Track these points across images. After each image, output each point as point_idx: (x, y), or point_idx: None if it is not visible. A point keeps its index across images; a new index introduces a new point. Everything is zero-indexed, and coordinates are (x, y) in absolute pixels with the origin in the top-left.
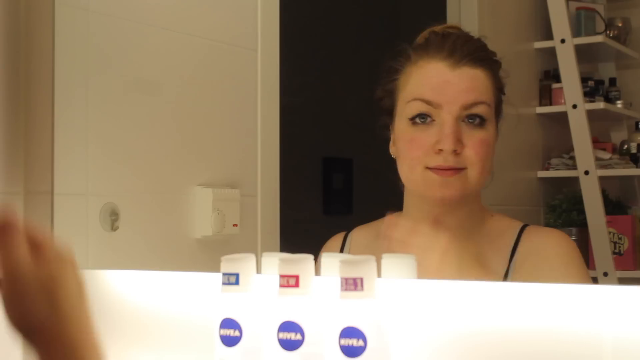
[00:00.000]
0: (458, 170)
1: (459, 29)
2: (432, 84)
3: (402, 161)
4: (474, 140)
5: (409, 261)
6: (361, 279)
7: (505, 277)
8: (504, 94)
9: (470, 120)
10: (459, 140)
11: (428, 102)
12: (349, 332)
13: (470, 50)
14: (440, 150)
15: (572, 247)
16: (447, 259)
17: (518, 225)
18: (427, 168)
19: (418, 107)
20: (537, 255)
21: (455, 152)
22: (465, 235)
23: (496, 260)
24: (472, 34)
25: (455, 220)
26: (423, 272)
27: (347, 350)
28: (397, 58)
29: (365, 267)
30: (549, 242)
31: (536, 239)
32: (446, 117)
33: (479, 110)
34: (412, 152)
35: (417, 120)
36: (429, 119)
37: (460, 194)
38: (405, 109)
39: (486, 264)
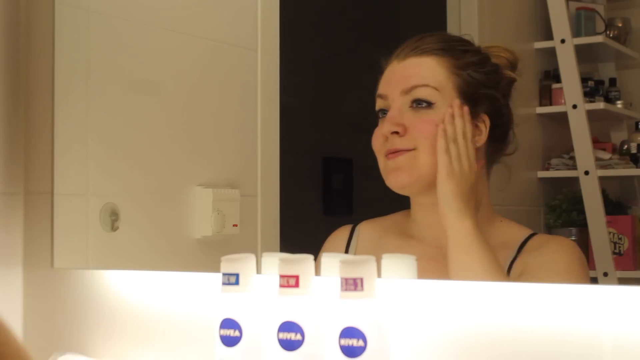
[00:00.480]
0: (404, 151)
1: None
2: (385, 80)
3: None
4: (418, 120)
5: (409, 261)
6: (361, 279)
7: (510, 266)
8: (492, 87)
9: (416, 105)
10: (398, 123)
11: (381, 96)
12: (349, 332)
13: (422, 43)
14: (386, 136)
15: (577, 248)
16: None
17: (528, 231)
18: (384, 157)
19: (378, 104)
20: (545, 247)
21: (398, 134)
22: None
23: (502, 255)
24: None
25: None
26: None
27: (347, 351)
28: (378, 72)
29: (365, 267)
30: (558, 242)
31: (546, 238)
32: (392, 105)
33: (421, 93)
34: (374, 145)
35: (380, 115)
36: (387, 113)
37: (410, 176)
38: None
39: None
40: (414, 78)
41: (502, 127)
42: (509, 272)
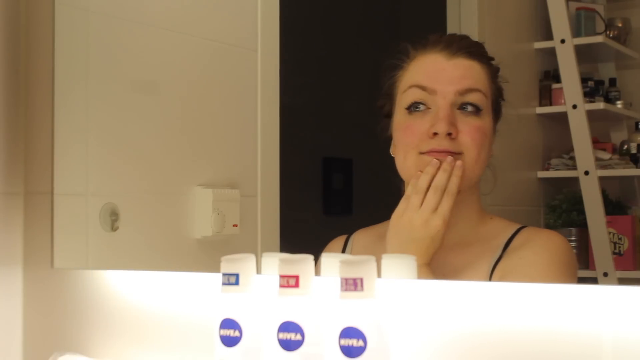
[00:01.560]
0: (453, 154)
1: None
2: (428, 71)
3: (398, 151)
4: (470, 126)
5: (409, 261)
6: (361, 279)
7: (494, 268)
8: (503, 99)
9: (464, 108)
10: (453, 124)
11: (423, 88)
12: (349, 332)
13: (467, 44)
14: (435, 133)
15: (562, 245)
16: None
17: (516, 226)
18: (421, 153)
19: (414, 95)
20: (524, 247)
21: (450, 136)
22: (460, 235)
23: (487, 256)
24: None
25: (451, 220)
26: None
27: (347, 351)
28: (398, 55)
29: (365, 268)
30: (541, 237)
31: (530, 234)
32: (441, 102)
33: (474, 97)
34: (407, 138)
35: (413, 108)
36: (424, 107)
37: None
38: (402, 99)
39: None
40: (469, 80)
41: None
42: (491, 274)
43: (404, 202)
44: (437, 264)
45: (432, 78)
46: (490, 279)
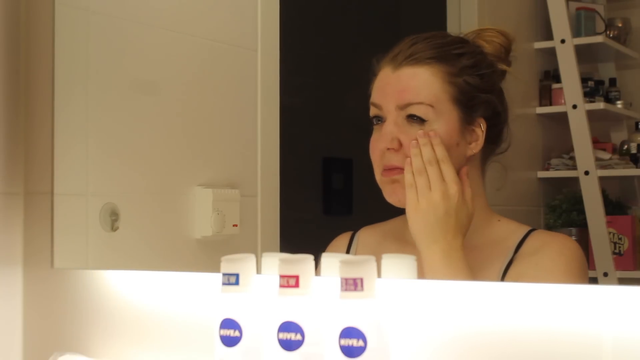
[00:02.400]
0: (400, 168)
1: (497, 30)
2: (378, 87)
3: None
4: (412, 136)
5: (409, 261)
6: (361, 279)
7: (505, 271)
8: (485, 92)
9: (411, 119)
10: (393, 139)
11: (375, 105)
12: (349, 332)
13: (414, 51)
14: (383, 150)
15: (577, 251)
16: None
17: (525, 228)
18: (381, 174)
19: (372, 111)
20: (540, 253)
21: (394, 150)
22: (467, 238)
23: (497, 259)
24: (449, 34)
25: None
26: None
27: (347, 351)
28: (370, 72)
29: (365, 268)
30: (556, 242)
31: (544, 238)
32: (387, 117)
33: (415, 110)
34: (372, 155)
35: (375, 121)
36: (382, 121)
37: None
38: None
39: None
40: (409, 93)
41: (497, 125)
42: (503, 276)
43: (412, 191)
44: None
45: (380, 93)
46: (502, 281)
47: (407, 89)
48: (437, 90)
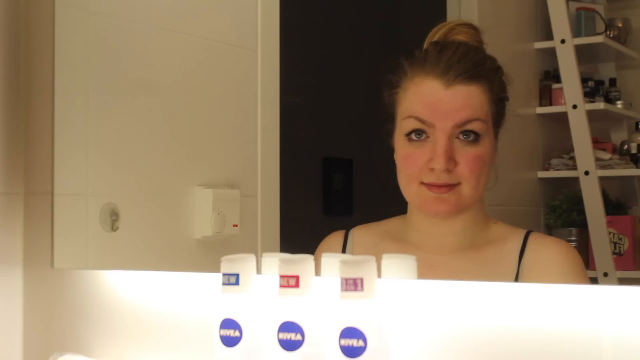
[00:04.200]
0: (451, 186)
1: (468, 25)
2: (426, 102)
3: (400, 175)
4: (468, 156)
5: (409, 261)
6: (361, 279)
7: (516, 280)
8: (507, 99)
9: (464, 137)
10: (450, 159)
11: (422, 121)
12: (349, 332)
13: (467, 68)
14: (433, 168)
15: (576, 259)
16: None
17: (522, 231)
18: (422, 184)
19: (412, 125)
20: (543, 266)
21: (448, 170)
22: (469, 240)
23: (503, 264)
24: (474, 39)
25: (458, 225)
26: None
27: (347, 351)
28: (395, 72)
29: (365, 268)
30: (555, 254)
31: (542, 249)
32: (439, 136)
33: (473, 127)
34: (408, 168)
35: (413, 136)
36: (424, 136)
37: (454, 209)
38: (402, 125)
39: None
40: (468, 111)
41: (497, 134)
42: (516, 277)
43: None
44: (446, 269)
45: (430, 110)
46: None
47: (465, 106)
48: (487, 108)
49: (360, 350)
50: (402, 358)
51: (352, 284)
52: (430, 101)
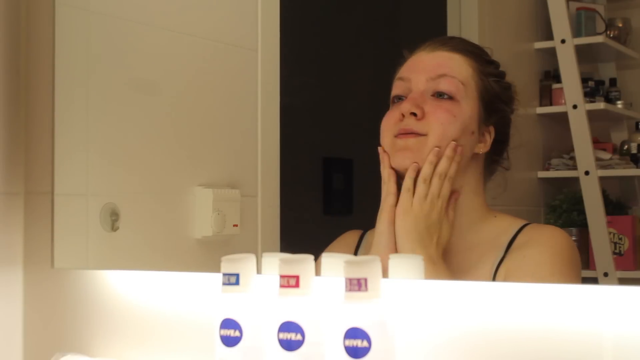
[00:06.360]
0: (417, 135)
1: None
2: (409, 65)
3: (381, 136)
4: (437, 107)
5: (416, 261)
6: (365, 280)
7: (497, 268)
8: (505, 102)
9: (440, 95)
10: (418, 106)
11: (402, 79)
12: (353, 332)
13: (453, 42)
14: (403, 115)
15: (565, 241)
16: None
17: (520, 223)
18: (394, 136)
19: (396, 88)
20: (529, 245)
21: (415, 117)
22: (463, 230)
23: (491, 256)
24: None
25: (455, 220)
26: None
27: (351, 351)
28: (399, 64)
29: (369, 268)
30: (544, 234)
31: (533, 232)
32: (413, 88)
33: (447, 83)
34: (384, 124)
35: (395, 100)
36: (404, 98)
37: (417, 157)
38: (392, 94)
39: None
40: (443, 67)
41: (503, 143)
42: (495, 274)
43: (408, 195)
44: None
45: (410, 69)
46: (493, 279)
47: (442, 64)
48: (469, 75)
49: (364, 351)
50: (408, 358)
51: (356, 284)
52: (412, 64)
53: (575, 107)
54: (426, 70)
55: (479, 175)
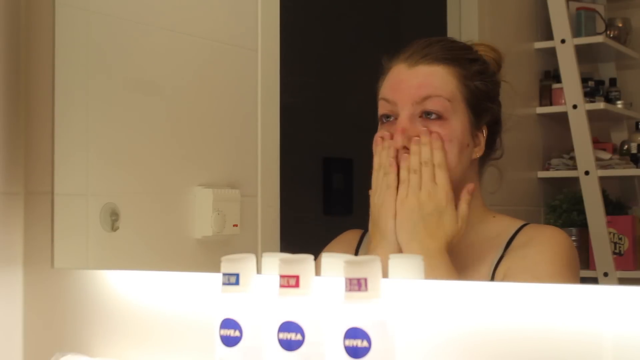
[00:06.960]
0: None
1: (488, 46)
2: (391, 83)
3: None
4: (428, 132)
5: (416, 261)
6: (365, 280)
7: (496, 268)
8: (493, 98)
9: (427, 116)
10: (409, 138)
11: (387, 100)
12: (353, 332)
13: (432, 51)
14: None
15: (565, 241)
16: None
17: (518, 223)
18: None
19: (382, 107)
20: (527, 246)
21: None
22: (463, 235)
23: (490, 254)
24: (458, 40)
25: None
26: None
27: (351, 351)
28: (379, 71)
29: (369, 268)
30: (543, 234)
31: (532, 232)
32: (401, 114)
33: (433, 104)
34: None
35: (384, 120)
36: (392, 118)
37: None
38: (378, 111)
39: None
40: (427, 88)
41: (495, 134)
42: (493, 273)
43: (403, 186)
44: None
45: (393, 90)
46: (492, 278)
47: (425, 84)
48: (454, 88)
49: (364, 351)
50: (408, 358)
51: (356, 284)
52: (394, 82)
53: (575, 107)
54: (410, 93)
55: (475, 175)
